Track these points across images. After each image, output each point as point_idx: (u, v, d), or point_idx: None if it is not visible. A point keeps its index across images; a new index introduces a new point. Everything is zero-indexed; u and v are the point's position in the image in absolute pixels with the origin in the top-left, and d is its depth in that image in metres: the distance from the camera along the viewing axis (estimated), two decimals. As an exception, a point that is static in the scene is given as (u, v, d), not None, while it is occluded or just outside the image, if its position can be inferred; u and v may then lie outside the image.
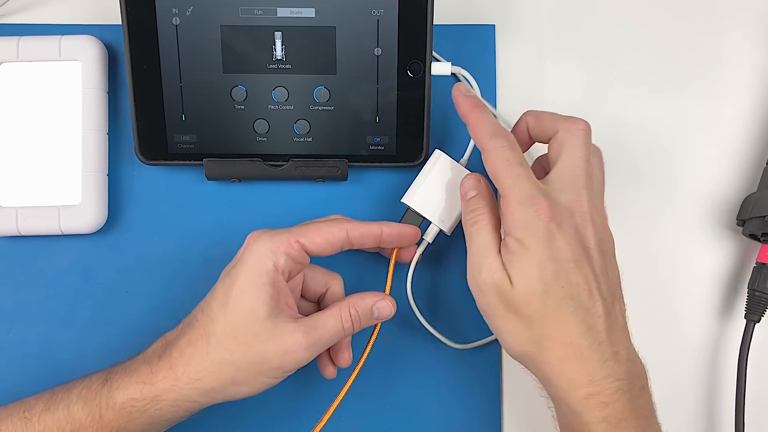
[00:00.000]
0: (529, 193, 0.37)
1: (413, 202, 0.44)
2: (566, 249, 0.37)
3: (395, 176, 0.48)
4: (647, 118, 0.50)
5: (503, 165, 0.38)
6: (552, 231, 0.37)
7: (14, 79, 0.46)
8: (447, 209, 0.44)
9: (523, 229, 0.37)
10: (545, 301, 0.37)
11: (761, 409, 0.48)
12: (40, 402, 0.39)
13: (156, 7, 0.44)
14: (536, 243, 0.37)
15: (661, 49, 0.51)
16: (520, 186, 0.38)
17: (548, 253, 0.37)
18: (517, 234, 0.37)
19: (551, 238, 0.37)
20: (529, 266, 0.37)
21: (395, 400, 0.47)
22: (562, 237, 0.37)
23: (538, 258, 0.37)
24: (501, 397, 0.48)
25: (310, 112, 0.46)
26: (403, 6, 0.44)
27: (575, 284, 0.37)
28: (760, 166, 0.49)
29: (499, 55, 0.50)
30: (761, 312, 0.46)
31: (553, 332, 0.37)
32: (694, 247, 0.50)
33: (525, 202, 0.37)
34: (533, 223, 0.37)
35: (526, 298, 0.37)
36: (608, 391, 0.36)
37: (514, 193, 0.38)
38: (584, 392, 0.37)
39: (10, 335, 0.47)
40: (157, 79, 0.45)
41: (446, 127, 0.49)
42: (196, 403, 0.39)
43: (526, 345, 0.38)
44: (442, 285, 0.48)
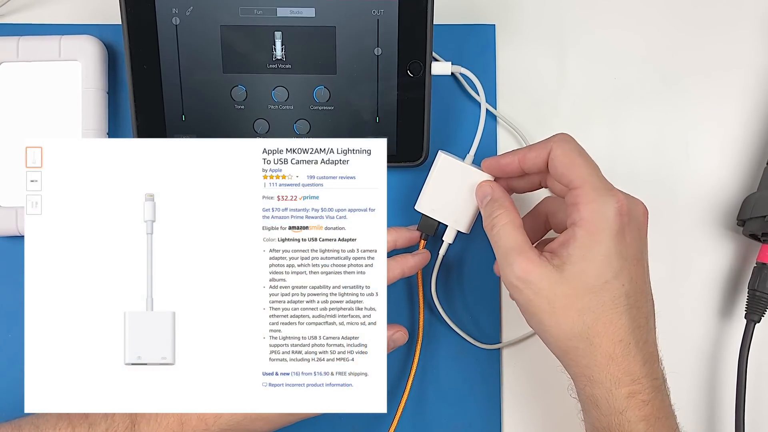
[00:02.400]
0: (606, 185, 0.37)
1: (424, 208, 0.45)
2: (632, 245, 0.37)
3: (396, 176, 0.48)
4: (647, 118, 0.50)
5: (578, 156, 0.38)
6: (623, 225, 0.36)
7: (14, 79, 0.46)
8: (460, 209, 0.44)
9: (597, 222, 0.36)
10: (601, 297, 0.36)
11: (761, 409, 0.48)
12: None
13: (156, 6, 0.44)
14: (608, 237, 0.36)
15: (661, 49, 0.51)
16: (598, 177, 0.37)
17: (617, 248, 0.36)
18: (590, 227, 0.36)
19: (622, 233, 0.36)
20: (592, 261, 0.36)
21: (395, 399, 0.47)
22: (629, 232, 0.37)
23: (606, 252, 0.36)
24: (501, 397, 0.48)
25: (310, 112, 0.46)
26: (403, 6, 0.44)
27: (634, 282, 0.37)
28: (760, 166, 0.49)
29: (499, 55, 0.50)
30: (761, 312, 0.46)
31: (604, 329, 0.37)
32: (694, 247, 0.50)
33: (604, 193, 0.37)
34: (609, 216, 0.36)
35: (580, 293, 0.36)
36: (647, 390, 0.37)
37: (592, 183, 0.37)
38: (627, 390, 0.36)
39: (10, 335, 0.47)
40: (157, 79, 0.45)
41: (446, 126, 0.49)
42: None
43: (573, 341, 0.37)
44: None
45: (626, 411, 0.36)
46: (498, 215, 0.40)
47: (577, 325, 0.37)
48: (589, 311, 0.36)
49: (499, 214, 0.40)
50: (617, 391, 0.37)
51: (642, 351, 0.37)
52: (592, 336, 0.37)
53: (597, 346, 0.37)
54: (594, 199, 0.37)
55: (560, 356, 0.39)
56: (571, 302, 0.36)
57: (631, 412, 0.36)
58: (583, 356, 0.37)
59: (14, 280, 0.47)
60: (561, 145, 0.39)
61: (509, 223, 0.39)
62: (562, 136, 0.39)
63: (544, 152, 0.39)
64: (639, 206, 0.39)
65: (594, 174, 0.38)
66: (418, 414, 0.48)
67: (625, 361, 0.37)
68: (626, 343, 0.37)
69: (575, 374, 0.39)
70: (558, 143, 0.39)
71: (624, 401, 0.36)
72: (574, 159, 0.38)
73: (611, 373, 0.37)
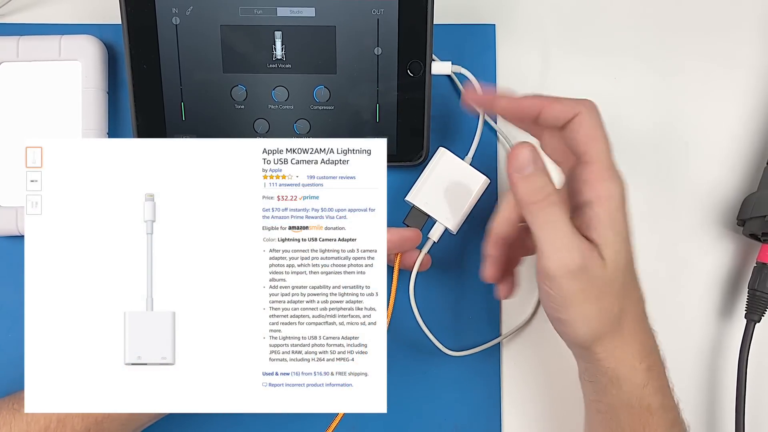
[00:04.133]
0: (615, 165, 0.37)
1: (417, 200, 0.44)
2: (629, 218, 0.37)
3: (396, 176, 0.48)
4: (647, 118, 0.50)
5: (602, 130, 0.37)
6: (627, 199, 0.37)
7: (14, 79, 0.46)
8: (452, 207, 0.44)
9: (616, 200, 0.36)
10: (627, 276, 0.37)
11: (761, 409, 0.48)
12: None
13: (156, 6, 0.44)
14: (623, 216, 0.36)
15: (661, 49, 0.51)
16: (611, 156, 0.37)
17: (628, 224, 0.37)
18: (611, 205, 0.36)
19: (627, 208, 0.37)
20: (621, 240, 0.36)
21: (396, 400, 0.47)
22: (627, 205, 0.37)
23: (626, 230, 0.37)
24: (501, 397, 0.48)
25: (310, 111, 0.46)
26: (403, 5, 0.44)
27: (635, 259, 0.38)
28: (760, 166, 0.49)
29: (499, 55, 0.50)
30: (761, 312, 0.46)
31: (630, 306, 0.38)
32: (694, 247, 0.50)
33: (615, 174, 0.36)
34: (621, 194, 0.36)
35: (616, 275, 0.36)
36: (658, 363, 0.38)
37: (608, 162, 0.36)
38: (646, 364, 0.38)
39: (10, 335, 0.47)
40: (157, 79, 0.45)
41: (447, 126, 0.49)
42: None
43: (606, 326, 0.37)
44: (444, 288, 0.48)
45: (648, 384, 0.38)
46: (553, 192, 0.35)
47: (615, 308, 0.37)
48: (620, 292, 0.37)
49: (553, 191, 0.36)
50: (639, 365, 0.38)
51: (648, 325, 0.39)
52: (622, 315, 0.37)
53: (624, 324, 0.37)
54: (609, 177, 0.36)
55: (584, 347, 0.38)
56: (608, 286, 0.36)
57: (651, 385, 0.38)
58: (611, 339, 0.37)
59: (14, 280, 0.47)
60: (590, 113, 0.37)
61: (563, 205, 0.36)
62: (591, 104, 0.38)
63: (570, 112, 0.37)
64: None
65: (609, 152, 0.37)
66: (418, 414, 0.48)
67: (644, 335, 0.38)
68: (641, 319, 0.38)
69: (599, 359, 0.38)
70: (588, 110, 0.37)
71: (645, 374, 0.38)
72: (598, 133, 0.37)
73: (634, 348, 0.38)
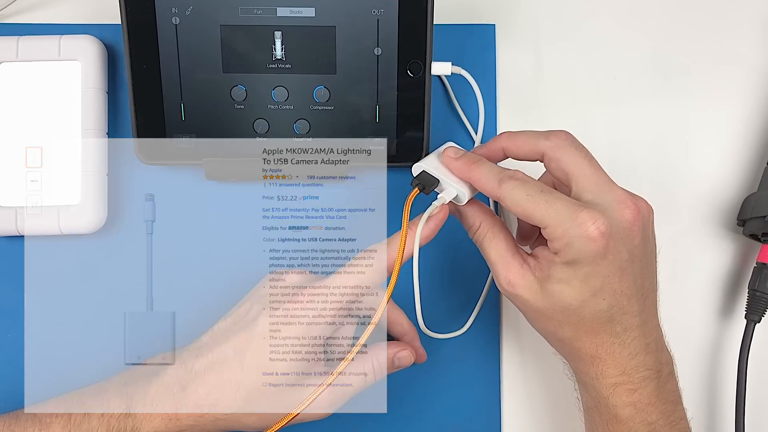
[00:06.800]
0: (570, 212, 0.36)
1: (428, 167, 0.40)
2: (614, 260, 0.36)
3: (396, 176, 0.48)
4: (647, 118, 0.50)
5: (527, 202, 0.36)
6: (602, 246, 0.35)
7: (14, 79, 0.46)
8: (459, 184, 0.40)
9: (574, 251, 0.36)
10: (581, 313, 0.37)
11: (761, 409, 0.48)
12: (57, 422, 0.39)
13: (156, 6, 0.44)
14: (588, 262, 0.36)
15: (661, 49, 0.51)
16: (556, 210, 0.36)
17: (596, 269, 0.36)
18: (567, 256, 0.36)
19: (601, 254, 0.35)
20: (568, 283, 0.36)
21: (395, 399, 0.47)
22: (613, 248, 0.36)
23: (585, 275, 0.36)
24: (501, 397, 0.48)
25: (310, 111, 0.46)
26: (403, 6, 0.44)
27: (618, 293, 0.37)
28: (760, 166, 0.49)
29: (499, 55, 0.50)
30: (761, 312, 0.46)
31: (586, 336, 0.38)
32: (694, 247, 0.50)
33: (569, 221, 0.35)
34: (583, 242, 0.35)
35: (558, 310, 0.37)
36: (636, 380, 0.38)
37: (554, 220, 0.36)
38: (612, 381, 0.38)
39: (10, 335, 0.47)
40: (156, 79, 0.45)
41: (447, 126, 0.49)
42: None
43: (558, 343, 0.40)
44: (445, 289, 0.48)
45: (611, 397, 0.38)
46: (479, 226, 0.40)
47: (559, 332, 0.39)
48: (569, 324, 0.38)
49: (479, 223, 0.40)
50: (603, 381, 0.38)
51: (630, 347, 0.38)
52: (574, 342, 0.38)
53: (579, 350, 0.39)
54: (564, 232, 0.36)
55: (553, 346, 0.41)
56: (551, 315, 0.38)
57: (616, 398, 0.38)
58: (568, 354, 0.40)
59: (14, 280, 0.47)
60: (557, 151, 0.38)
61: (490, 231, 0.39)
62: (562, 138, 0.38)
63: (535, 155, 0.39)
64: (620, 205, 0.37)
65: (552, 207, 0.36)
66: (418, 414, 0.48)
67: (610, 358, 0.38)
68: (610, 344, 0.38)
69: (566, 361, 0.41)
70: (557, 149, 0.38)
71: (609, 389, 0.38)
72: (533, 203, 0.37)
73: (596, 368, 0.38)
